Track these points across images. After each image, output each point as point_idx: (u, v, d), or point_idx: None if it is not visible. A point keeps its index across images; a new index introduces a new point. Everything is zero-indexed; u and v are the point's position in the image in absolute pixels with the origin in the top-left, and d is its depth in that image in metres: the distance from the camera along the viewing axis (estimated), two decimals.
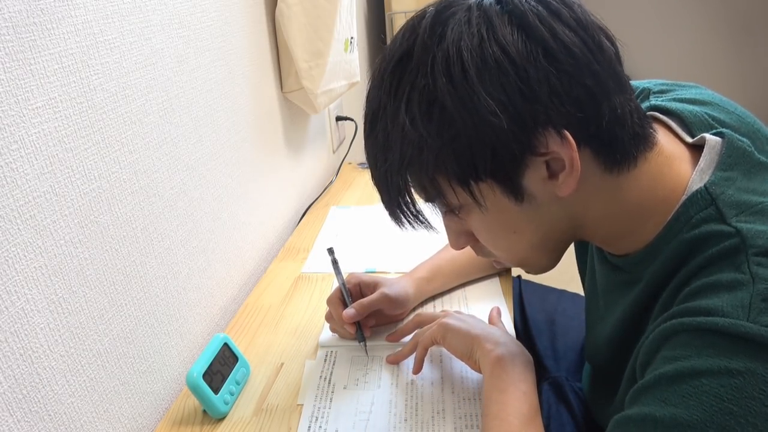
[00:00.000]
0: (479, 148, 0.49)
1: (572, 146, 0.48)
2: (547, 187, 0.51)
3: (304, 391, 0.75)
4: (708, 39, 3.03)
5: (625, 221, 0.55)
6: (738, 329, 0.42)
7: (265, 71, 1.08)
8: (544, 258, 0.59)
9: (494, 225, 0.55)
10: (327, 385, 0.76)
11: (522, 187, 0.51)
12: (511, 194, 0.51)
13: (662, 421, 0.43)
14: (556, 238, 0.57)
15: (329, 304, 0.82)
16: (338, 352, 0.81)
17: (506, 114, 0.47)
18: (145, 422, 0.73)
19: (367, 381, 0.76)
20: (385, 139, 0.52)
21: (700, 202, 0.50)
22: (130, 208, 0.69)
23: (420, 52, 0.49)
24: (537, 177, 0.51)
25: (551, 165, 0.50)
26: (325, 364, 0.79)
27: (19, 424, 0.54)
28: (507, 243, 0.57)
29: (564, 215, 0.54)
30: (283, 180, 1.20)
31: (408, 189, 0.55)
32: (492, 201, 0.52)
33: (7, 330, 0.52)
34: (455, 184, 0.52)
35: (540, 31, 0.47)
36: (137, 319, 0.71)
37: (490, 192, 0.52)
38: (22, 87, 0.53)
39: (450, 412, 0.70)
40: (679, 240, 0.50)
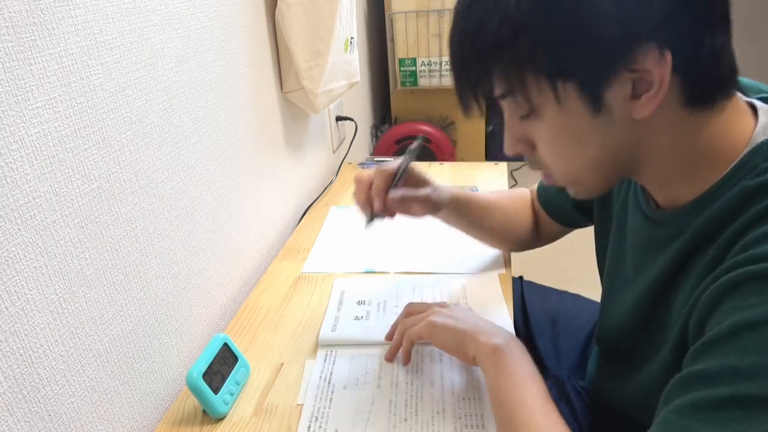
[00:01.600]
0: (579, 44, 0.48)
1: (667, 68, 0.48)
2: (626, 106, 0.51)
3: (304, 391, 0.75)
4: None
5: (686, 163, 0.54)
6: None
7: (265, 71, 1.08)
8: (598, 180, 0.58)
9: (562, 133, 0.54)
10: (327, 385, 0.75)
11: (603, 98, 0.50)
12: (591, 103, 0.51)
13: (742, 370, 0.43)
14: (615, 162, 0.56)
15: (378, 173, 0.81)
16: (338, 352, 0.81)
17: (618, 17, 0.46)
18: (145, 422, 0.73)
19: (367, 381, 0.75)
20: (480, 22, 0.51)
21: (767, 152, 0.50)
22: (130, 208, 0.69)
23: None
24: (620, 93, 0.50)
25: (637, 85, 0.50)
26: (325, 363, 0.79)
27: (19, 424, 0.54)
28: (569, 155, 0.56)
29: (631, 140, 0.54)
30: (283, 180, 1.20)
31: (489, 77, 0.53)
32: (570, 106, 0.51)
33: (7, 330, 0.53)
34: (542, 78, 0.51)
35: None
36: (137, 319, 0.71)
37: (572, 95, 0.51)
38: (22, 87, 0.53)
39: (450, 412, 0.70)
40: (741, 187, 0.50)
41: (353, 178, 0.84)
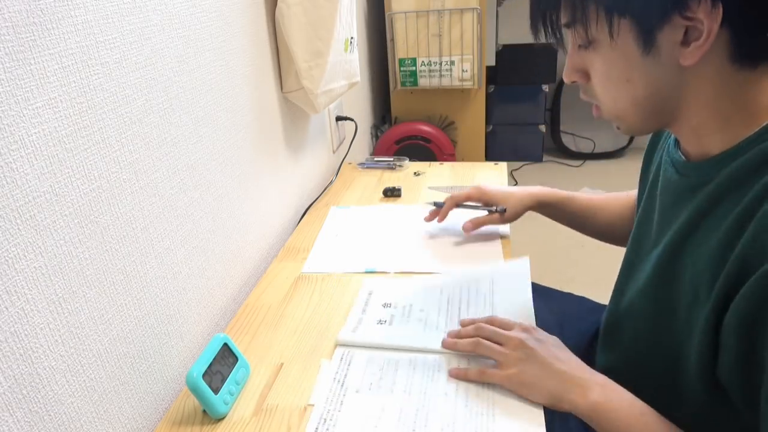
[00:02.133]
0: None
1: (717, 20, 0.51)
2: (675, 51, 0.54)
3: (316, 391, 0.75)
4: None
5: (722, 115, 0.57)
6: None
7: (265, 71, 1.08)
8: (638, 118, 0.62)
9: (614, 67, 0.59)
10: (340, 387, 0.75)
11: (655, 39, 0.54)
12: (643, 42, 0.55)
13: None
14: (656, 104, 0.59)
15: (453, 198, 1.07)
16: (354, 353, 0.80)
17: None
18: (145, 422, 0.73)
19: (380, 386, 0.74)
20: None
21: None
22: (130, 208, 0.69)
23: None
24: (672, 37, 0.54)
25: (689, 32, 0.53)
26: (340, 364, 0.79)
27: (19, 424, 0.54)
28: (616, 89, 0.60)
29: (675, 85, 0.57)
30: (283, 180, 1.20)
31: (558, 3, 0.59)
32: (622, 42, 0.56)
33: (7, 330, 0.53)
34: (602, 11, 0.56)
35: None
36: (137, 319, 0.71)
37: (626, 32, 0.55)
38: (22, 87, 0.53)
39: (461, 426, 0.67)
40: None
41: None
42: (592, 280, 1.84)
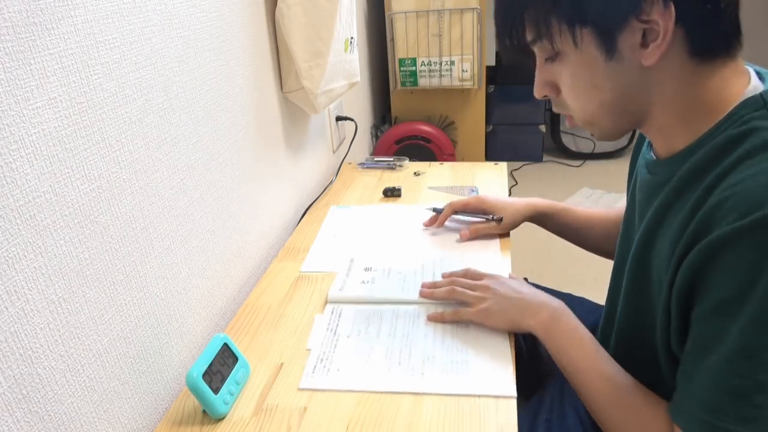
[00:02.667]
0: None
1: (671, 19, 0.53)
2: (636, 53, 0.57)
3: (312, 339, 0.84)
4: None
5: (685, 112, 0.59)
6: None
7: (265, 71, 1.08)
8: (610, 121, 0.64)
9: (581, 75, 0.61)
10: (332, 335, 0.85)
11: (616, 44, 0.57)
12: (605, 48, 0.57)
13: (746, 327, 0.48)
14: (624, 106, 0.62)
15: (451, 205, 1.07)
16: (343, 308, 0.91)
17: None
18: (145, 422, 0.73)
19: (368, 332, 0.85)
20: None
21: (753, 105, 0.55)
22: (130, 208, 0.69)
23: None
24: (631, 41, 0.56)
25: (647, 34, 0.55)
26: (331, 316, 0.89)
27: (19, 424, 0.54)
28: (585, 96, 0.63)
29: (640, 86, 0.60)
30: (283, 180, 1.20)
31: (522, 23, 0.61)
32: (586, 50, 0.59)
33: (7, 330, 0.53)
34: (564, 24, 0.58)
35: None
36: (137, 319, 0.71)
37: (588, 41, 0.58)
38: (22, 87, 0.53)
39: (439, 358, 0.78)
40: (725, 135, 0.55)
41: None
42: (592, 280, 1.84)
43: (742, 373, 0.48)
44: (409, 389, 0.74)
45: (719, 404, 0.50)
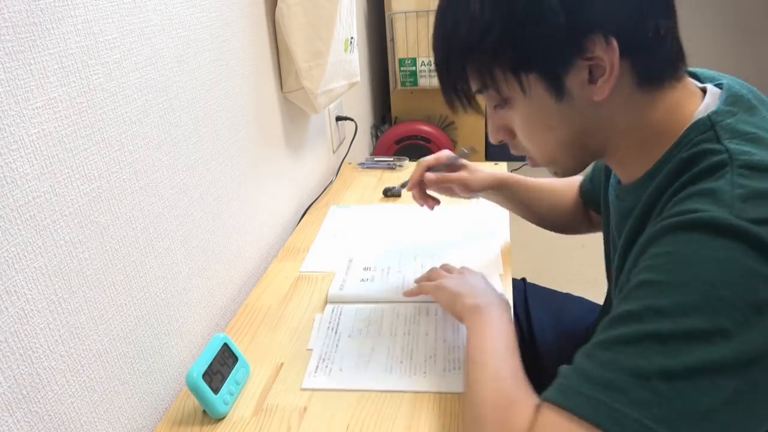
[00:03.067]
0: (536, 40, 0.55)
1: (615, 53, 0.53)
2: (585, 90, 0.56)
3: (313, 339, 0.84)
4: (706, 38, 3.03)
5: (640, 141, 0.60)
6: (721, 220, 0.47)
7: (265, 71, 1.08)
8: (570, 159, 0.64)
9: (533, 119, 0.61)
10: (334, 334, 0.85)
11: (564, 85, 0.56)
12: (553, 90, 0.57)
13: (663, 309, 0.47)
14: (582, 143, 0.62)
15: (422, 162, 0.97)
16: (344, 307, 0.91)
17: (565, 13, 0.52)
18: (145, 422, 0.73)
19: (369, 331, 0.85)
20: (454, 25, 0.58)
21: (701, 127, 0.55)
22: (130, 208, 0.69)
23: None
24: (578, 79, 0.56)
25: (593, 70, 0.55)
26: (332, 315, 0.89)
27: (19, 424, 0.54)
28: (541, 138, 0.63)
29: (594, 121, 0.59)
30: (283, 180, 1.20)
31: (465, 75, 0.60)
32: (535, 95, 0.58)
33: (7, 330, 0.53)
34: (508, 72, 0.57)
35: None
36: (137, 319, 0.71)
37: (536, 85, 0.57)
38: (22, 87, 0.53)
39: (441, 357, 0.79)
40: (676, 160, 0.55)
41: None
42: (592, 280, 1.84)
43: (649, 356, 0.46)
44: (412, 388, 0.74)
45: (616, 383, 0.47)
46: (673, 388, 0.45)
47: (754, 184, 0.49)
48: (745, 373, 0.45)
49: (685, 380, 0.45)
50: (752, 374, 0.45)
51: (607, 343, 0.49)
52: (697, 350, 0.45)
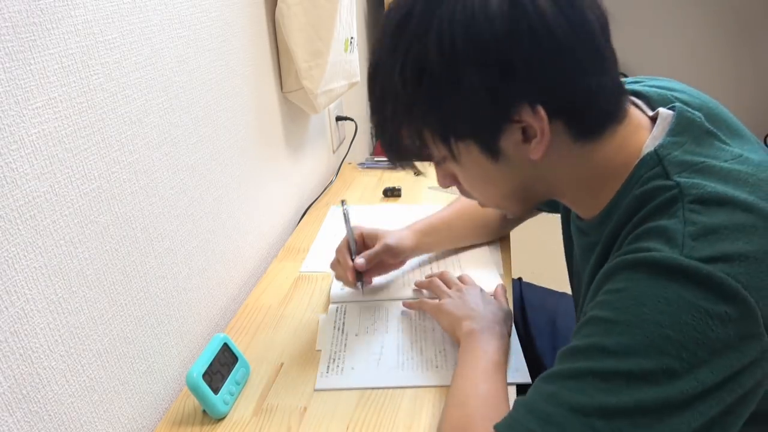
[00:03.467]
0: (458, 116, 0.54)
1: (543, 120, 0.53)
2: (521, 150, 0.56)
3: (320, 339, 0.84)
4: (706, 39, 3.03)
5: (590, 184, 0.60)
6: (672, 261, 0.47)
7: (265, 71, 1.08)
8: (517, 206, 0.66)
9: (472, 175, 0.62)
10: (341, 333, 0.85)
11: (498, 147, 0.56)
12: (488, 153, 0.56)
13: (608, 348, 0.47)
14: (527, 193, 0.62)
15: (338, 252, 0.90)
16: (347, 306, 0.91)
17: (486, 89, 0.52)
18: (145, 422, 0.73)
19: (376, 328, 0.86)
20: (381, 94, 0.58)
21: (650, 163, 0.55)
22: (130, 208, 0.69)
23: (417, 20, 0.53)
24: (512, 140, 0.55)
25: (526, 130, 0.54)
26: (337, 315, 0.89)
27: (19, 424, 0.54)
28: (484, 191, 0.64)
29: (535, 175, 0.59)
30: (283, 180, 1.20)
31: (399, 137, 0.60)
32: (470, 157, 0.58)
33: (7, 330, 0.53)
34: (438, 141, 0.57)
35: (530, 10, 0.50)
36: (137, 319, 0.71)
37: (470, 149, 0.57)
38: (22, 87, 0.53)
39: (451, 351, 0.79)
40: (630, 197, 0.55)
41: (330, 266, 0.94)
42: None
43: (590, 393, 0.47)
44: (426, 383, 0.74)
45: (556, 417, 0.48)
46: (611, 426, 0.45)
47: (704, 219, 0.49)
48: (698, 408, 0.45)
49: (625, 418, 0.45)
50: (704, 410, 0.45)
51: (553, 377, 0.50)
52: (639, 390, 0.45)
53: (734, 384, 0.46)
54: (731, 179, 0.52)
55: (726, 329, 0.45)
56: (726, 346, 0.45)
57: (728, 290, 0.45)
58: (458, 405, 0.64)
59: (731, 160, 0.53)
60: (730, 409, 0.46)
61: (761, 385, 0.48)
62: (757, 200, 0.50)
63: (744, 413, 0.48)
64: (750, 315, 0.45)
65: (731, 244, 0.47)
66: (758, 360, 0.46)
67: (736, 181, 0.51)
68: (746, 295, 0.45)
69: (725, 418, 0.46)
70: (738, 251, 0.47)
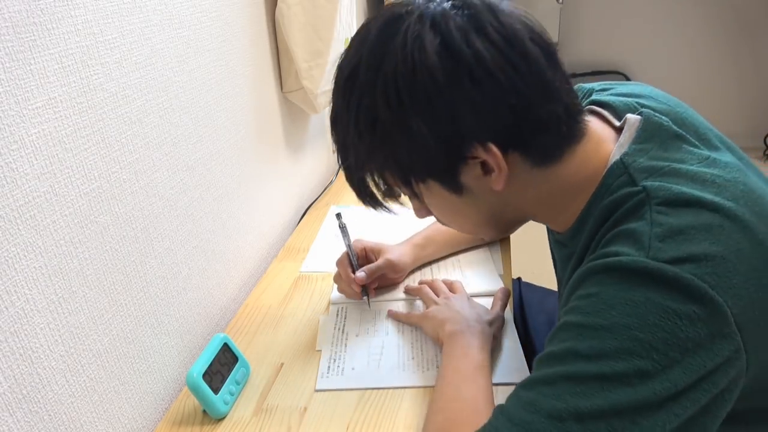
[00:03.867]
0: (414, 159, 0.57)
1: (496, 155, 0.55)
2: (483, 182, 0.58)
3: (321, 340, 0.84)
4: (706, 38, 3.03)
5: (557, 201, 0.61)
6: (638, 264, 0.48)
7: (265, 71, 1.08)
8: (492, 232, 0.68)
9: (442, 209, 0.64)
10: (341, 334, 0.86)
11: (460, 183, 0.58)
12: (451, 189, 0.59)
13: (581, 352, 0.48)
14: (498, 219, 0.64)
15: (339, 265, 0.90)
16: (348, 307, 0.92)
17: (434, 135, 0.54)
18: (145, 422, 0.73)
19: (376, 330, 0.86)
20: (342, 144, 0.61)
21: (616, 172, 0.56)
22: (130, 208, 0.69)
23: (364, 74, 0.56)
24: (472, 175, 0.57)
25: (485, 164, 0.56)
26: (337, 317, 0.90)
27: (19, 424, 0.54)
28: (455, 221, 0.67)
29: (502, 202, 0.61)
30: (283, 180, 1.20)
31: (367, 183, 0.63)
32: (435, 194, 0.60)
33: (7, 330, 0.52)
34: (400, 183, 0.61)
35: (467, 57, 0.52)
36: (137, 319, 0.71)
37: (433, 187, 0.59)
38: (22, 87, 0.53)
39: None
40: (600, 207, 0.56)
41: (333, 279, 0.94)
42: None
43: (565, 397, 0.47)
44: (426, 383, 0.74)
45: (533, 424, 0.48)
46: (585, 429, 0.46)
47: (671, 220, 0.49)
48: (672, 409, 0.45)
49: (600, 421, 0.46)
50: (679, 411, 0.46)
51: (530, 384, 0.51)
52: (612, 392, 0.46)
53: (708, 384, 0.46)
54: (698, 181, 0.52)
55: (695, 328, 0.45)
56: (697, 346, 0.45)
57: (695, 290, 0.46)
58: (439, 411, 0.64)
59: (698, 163, 0.54)
60: (706, 409, 0.47)
61: (736, 385, 0.48)
62: (724, 200, 0.50)
63: (720, 414, 0.48)
64: (719, 314, 0.46)
65: (698, 244, 0.48)
66: (731, 359, 0.46)
67: (703, 182, 0.52)
68: (714, 295, 0.46)
69: (701, 419, 0.47)
70: (704, 251, 0.47)
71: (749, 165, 0.59)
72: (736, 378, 0.48)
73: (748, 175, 0.55)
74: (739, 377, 0.48)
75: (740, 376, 0.48)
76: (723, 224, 0.49)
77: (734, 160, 0.57)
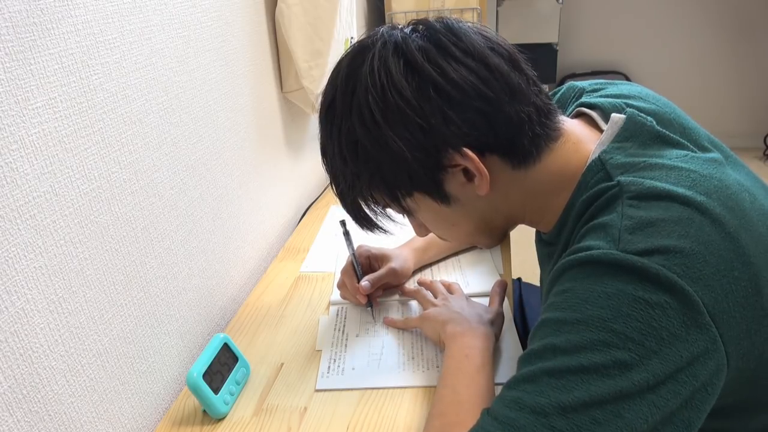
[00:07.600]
0: (398, 174, 0.60)
1: (474, 159, 0.57)
2: (468, 189, 0.60)
3: (321, 340, 0.85)
4: (706, 38, 3.03)
5: (542, 201, 0.63)
6: (608, 257, 0.49)
7: (265, 71, 1.08)
8: (485, 238, 0.70)
9: (434, 222, 0.67)
10: (341, 334, 0.86)
11: (446, 193, 0.61)
12: (439, 200, 0.61)
13: (559, 347, 0.49)
14: (489, 225, 0.67)
15: (343, 274, 0.91)
16: (348, 307, 0.92)
17: (411, 147, 0.57)
18: (145, 422, 0.73)
19: (376, 330, 0.86)
20: (332, 172, 0.65)
21: (594, 169, 0.58)
22: (130, 208, 0.69)
23: (340, 103, 0.60)
24: (456, 183, 0.60)
25: (467, 171, 0.59)
26: (337, 318, 0.90)
27: (19, 424, 0.54)
28: (450, 233, 0.69)
29: (490, 208, 0.63)
30: (283, 180, 1.20)
31: (357, 203, 0.66)
32: (425, 206, 0.63)
33: (7, 330, 0.53)
34: (390, 201, 0.63)
35: (429, 72, 0.56)
36: (137, 319, 0.71)
37: (421, 201, 0.62)
38: (22, 87, 0.53)
39: None
40: (579, 203, 0.58)
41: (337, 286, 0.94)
42: None
43: (547, 393, 0.48)
44: (426, 383, 0.74)
45: (518, 421, 0.48)
46: (570, 423, 0.46)
47: (641, 213, 0.51)
48: (653, 398, 0.46)
49: (581, 414, 0.46)
50: (660, 403, 0.46)
51: (514, 383, 0.52)
52: (592, 384, 0.46)
53: (686, 375, 0.46)
54: (672, 175, 0.53)
55: (668, 318, 0.46)
56: (672, 336, 0.46)
57: (665, 281, 0.46)
58: (438, 415, 0.64)
59: (676, 159, 0.55)
60: (688, 403, 0.47)
61: (719, 378, 0.48)
62: (696, 194, 0.51)
63: (704, 408, 0.48)
64: (690, 304, 0.46)
65: (667, 236, 0.49)
66: (709, 351, 0.47)
67: (678, 177, 0.53)
68: (683, 285, 0.46)
69: (684, 413, 0.47)
70: (674, 244, 0.48)
71: (736, 164, 0.59)
72: (717, 371, 0.48)
73: (727, 172, 0.55)
74: (720, 371, 0.48)
75: (721, 370, 0.48)
76: (693, 217, 0.50)
77: (716, 156, 0.57)
